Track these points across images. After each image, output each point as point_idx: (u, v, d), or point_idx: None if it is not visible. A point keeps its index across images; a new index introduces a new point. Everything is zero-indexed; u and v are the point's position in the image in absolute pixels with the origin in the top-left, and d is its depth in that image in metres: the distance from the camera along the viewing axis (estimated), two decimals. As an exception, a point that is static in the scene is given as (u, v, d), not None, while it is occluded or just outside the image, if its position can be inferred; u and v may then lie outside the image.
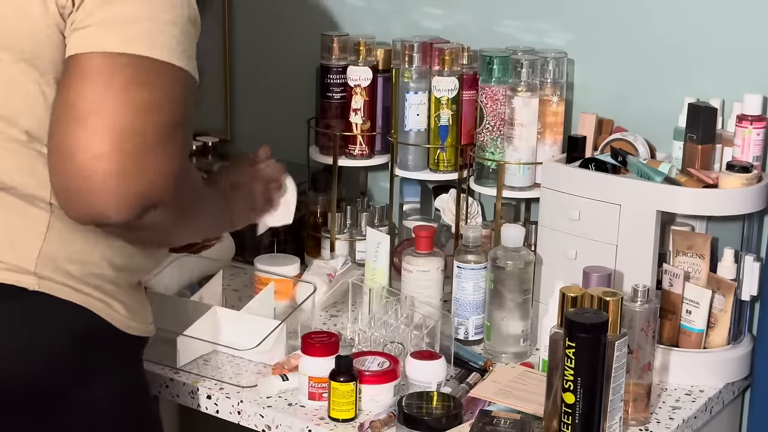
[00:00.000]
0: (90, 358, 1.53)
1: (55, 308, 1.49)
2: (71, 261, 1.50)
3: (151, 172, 1.40)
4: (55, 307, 1.49)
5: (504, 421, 1.65)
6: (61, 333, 1.50)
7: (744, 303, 1.94)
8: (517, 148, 2.07)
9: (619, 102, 2.12)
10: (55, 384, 1.51)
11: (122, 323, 1.56)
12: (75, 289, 1.50)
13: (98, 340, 1.54)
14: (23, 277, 1.47)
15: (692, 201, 1.85)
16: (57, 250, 1.49)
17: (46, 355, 1.49)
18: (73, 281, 1.50)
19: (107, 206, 1.39)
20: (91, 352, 1.53)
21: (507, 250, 1.93)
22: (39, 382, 1.49)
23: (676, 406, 1.83)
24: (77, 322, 1.51)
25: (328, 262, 2.20)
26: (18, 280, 1.47)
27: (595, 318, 1.58)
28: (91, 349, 1.53)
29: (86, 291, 1.51)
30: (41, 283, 1.48)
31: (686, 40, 2.05)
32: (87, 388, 1.53)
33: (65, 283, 1.50)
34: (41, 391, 1.50)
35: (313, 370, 1.77)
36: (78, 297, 1.51)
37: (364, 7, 2.37)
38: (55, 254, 1.49)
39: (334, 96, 2.24)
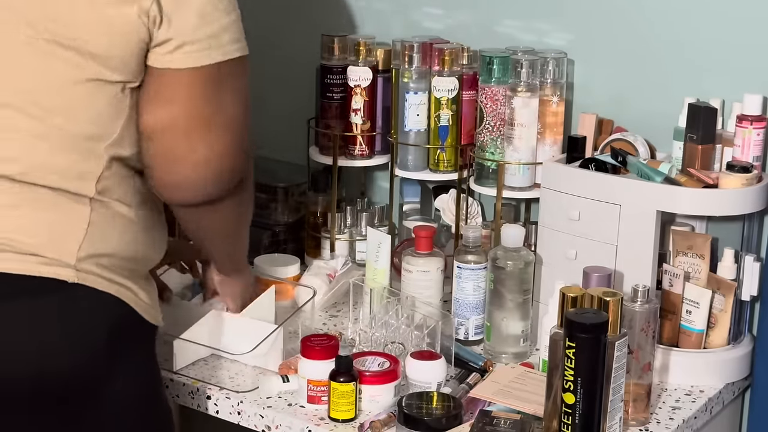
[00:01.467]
0: (122, 350, 1.57)
1: (92, 300, 1.54)
2: (105, 254, 1.55)
3: (243, 152, 1.63)
4: (92, 298, 1.54)
5: (504, 421, 1.65)
6: (99, 324, 1.55)
7: (744, 303, 1.94)
8: (517, 149, 2.07)
9: (619, 102, 2.12)
10: (93, 376, 1.55)
11: (146, 311, 1.61)
12: (108, 280, 1.55)
13: (128, 329, 1.59)
14: (63, 270, 1.52)
15: (692, 201, 1.85)
16: (95, 245, 1.54)
17: (86, 348, 1.53)
18: (106, 272, 1.55)
19: (220, 190, 1.61)
20: (124, 344, 1.57)
21: (507, 250, 1.93)
22: (78, 375, 1.53)
23: (676, 407, 1.83)
24: (112, 312, 1.56)
25: (328, 262, 2.20)
26: (57, 273, 1.51)
27: (595, 318, 1.58)
28: (124, 340, 1.57)
29: (117, 281, 1.57)
30: (79, 275, 1.52)
31: (686, 40, 2.05)
32: (116, 378, 1.57)
33: (100, 275, 1.55)
34: (80, 384, 1.54)
35: (312, 373, 1.77)
36: (111, 287, 1.56)
37: (364, 7, 2.38)
38: (93, 249, 1.54)
39: (334, 96, 2.24)
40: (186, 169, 1.57)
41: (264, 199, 2.35)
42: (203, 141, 1.57)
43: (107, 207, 1.56)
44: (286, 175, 2.38)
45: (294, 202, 2.36)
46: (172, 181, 1.59)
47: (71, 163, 1.53)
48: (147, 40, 1.53)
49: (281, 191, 2.33)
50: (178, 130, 1.56)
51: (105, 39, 1.51)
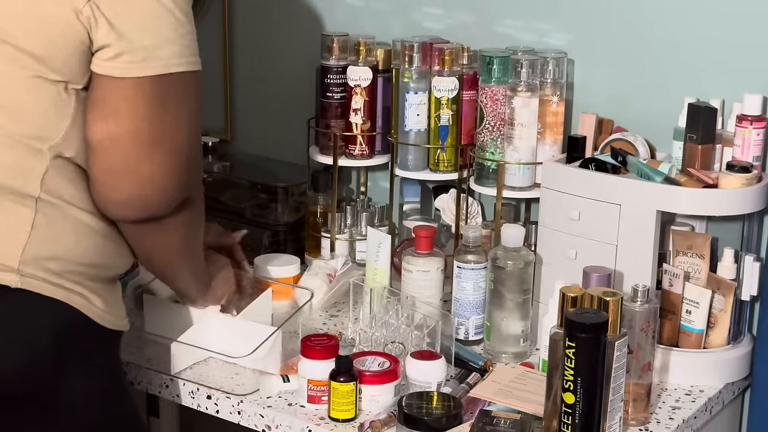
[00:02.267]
0: (70, 354, 1.55)
1: (36, 305, 1.51)
2: (53, 258, 1.52)
3: (193, 172, 1.60)
4: (36, 303, 1.51)
5: (504, 421, 1.65)
6: (43, 329, 1.52)
7: (744, 303, 1.94)
8: (517, 148, 2.07)
9: (619, 102, 2.12)
10: (38, 380, 1.52)
11: (100, 317, 1.58)
12: (56, 285, 1.53)
13: (78, 334, 1.56)
14: (5, 275, 1.49)
15: (692, 201, 1.85)
16: (40, 248, 1.51)
17: (29, 352, 1.51)
18: (54, 277, 1.53)
19: (165, 207, 1.57)
20: (72, 347, 1.55)
21: (507, 250, 1.93)
22: (22, 379, 1.51)
23: (676, 406, 1.83)
24: (58, 317, 1.53)
25: (328, 262, 2.20)
26: (0, 278, 1.49)
27: (595, 318, 1.58)
28: (72, 344, 1.55)
29: (66, 286, 1.54)
30: (23, 280, 1.50)
31: (686, 40, 2.05)
32: (68, 383, 1.54)
33: (47, 279, 1.52)
34: (24, 388, 1.51)
35: (312, 373, 1.77)
36: (59, 293, 1.53)
37: (364, 7, 2.37)
38: (38, 252, 1.51)
39: (334, 96, 2.24)
40: (129, 186, 1.52)
41: (264, 199, 2.35)
42: (147, 159, 1.51)
43: (56, 208, 1.53)
44: (286, 175, 2.38)
45: (294, 202, 2.36)
46: (115, 198, 1.53)
47: (13, 160, 1.50)
48: (87, 43, 1.49)
49: (281, 191, 2.33)
50: (120, 145, 1.50)
51: (44, 38, 1.48)
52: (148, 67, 1.49)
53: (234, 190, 2.38)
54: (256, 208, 2.36)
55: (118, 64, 1.49)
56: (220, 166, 2.47)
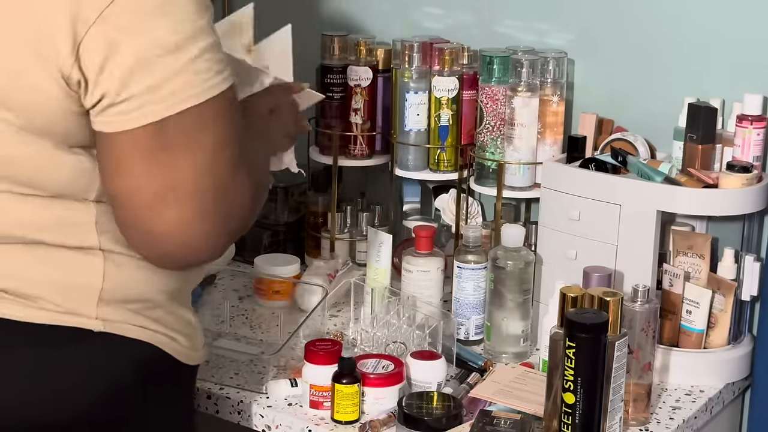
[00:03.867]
0: (152, 393, 1.51)
1: (119, 347, 1.47)
2: (131, 301, 1.47)
3: (234, 214, 1.41)
4: (119, 344, 1.47)
5: (504, 421, 1.65)
6: (126, 370, 1.47)
7: (744, 303, 1.94)
8: (517, 148, 2.07)
9: (619, 102, 2.12)
10: (120, 420, 1.49)
11: (185, 355, 1.54)
12: (140, 327, 1.48)
13: (160, 374, 1.51)
14: (87, 320, 1.45)
15: (692, 201, 1.85)
16: (116, 294, 1.46)
17: (111, 393, 1.47)
18: (136, 318, 1.48)
19: (208, 254, 1.42)
20: (154, 387, 1.51)
21: (507, 250, 1.93)
22: (105, 420, 1.47)
23: (676, 406, 1.83)
24: (141, 358, 1.49)
25: (328, 262, 2.20)
26: (82, 323, 1.44)
27: (595, 318, 1.58)
28: (154, 384, 1.51)
29: (151, 327, 1.49)
30: (106, 324, 1.45)
31: (686, 40, 2.05)
32: (149, 422, 1.51)
33: (128, 321, 1.47)
34: (105, 427, 1.47)
35: (314, 378, 1.77)
36: (143, 334, 1.48)
37: (364, 7, 2.38)
38: (114, 297, 1.46)
39: (334, 96, 2.24)
40: (149, 246, 1.40)
41: (264, 199, 2.35)
42: (157, 217, 1.35)
43: (121, 253, 1.46)
44: (286, 176, 2.38)
45: (294, 202, 2.36)
46: (145, 255, 1.42)
47: (59, 217, 1.43)
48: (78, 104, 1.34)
49: (281, 191, 2.33)
50: (125, 205, 1.37)
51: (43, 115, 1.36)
52: (141, 116, 1.32)
53: (234, 190, 2.38)
54: (256, 208, 2.36)
55: (108, 117, 1.33)
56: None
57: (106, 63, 1.30)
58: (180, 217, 1.35)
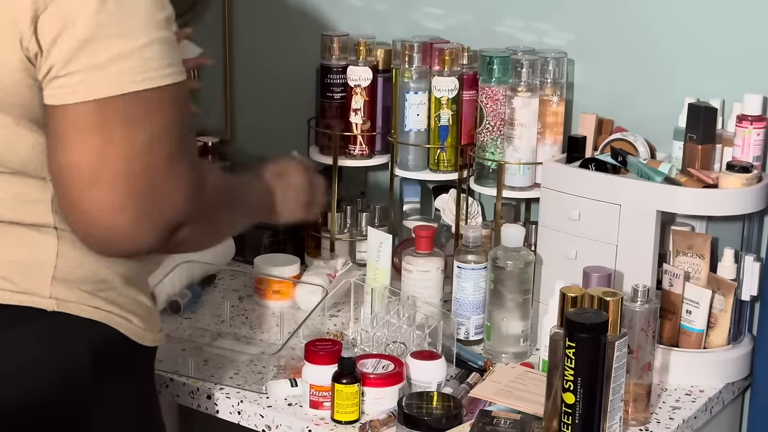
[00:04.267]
0: (108, 374, 1.52)
1: (75, 326, 1.48)
2: (85, 281, 1.49)
3: (168, 200, 1.40)
4: (74, 324, 1.48)
5: (504, 421, 1.65)
6: (82, 350, 1.49)
7: (744, 303, 1.94)
8: (517, 148, 2.07)
9: (619, 102, 2.12)
10: (76, 401, 1.50)
11: (140, 336, 1.55)
12: (94, 307, 1.49)
13: (116, 354, 1.53)
14: (42, 300, 1.46)
15: (692, 201, 1.85)
16: (70, 273, 1.48)
17: (67, 373, 1.48)
18: (90, 299, 1.49)
19: (137, 244, 1.41)
20: (110, 368, 1.52)
21: (507, 250, 1.93)
22: (60, 401, 1.48)
23: (676, 406, 1.83)
24: (96, 338, 1.50)
25: (328, 262, 2.20)
26: (35, 302, 1.46)
27: (595, 318, 1.58)
28: (110, 364, 1.52)
29: (106, 308, 1.50)
30: (60, 303, 1.47)
31: (686, 40, 2.05)
32: (104, 402, 1.52)
33: (83, 302, 1.49)
34: (62, 409, 1.49)
35: (314, 378, 1.77)
36: (97, 314, 1.50)
37: (364, 7, 2.38)
38: (68, 277, 1.47)
39: (334, 96, 2.24)
40: (85, 225, 1.40)
41: (264, 199, 2.35)
42: (86, 194, 1.37)
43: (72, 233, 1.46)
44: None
45: (294, 202, 2.36)
46: (80, 236, 1.43)
47: (21, 193, 1.45)
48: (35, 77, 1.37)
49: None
50: (68, 181, 1.38)
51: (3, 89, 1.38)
52: (81, 92, 1.34)
53: (234, 190, 2.38)
54: (256, 209, 2.36)
55: (51, 90, 1.36)
56: (220, 166, 2.47)
57: (59, 36, 1.33)
58: (110, 199, 1.37)
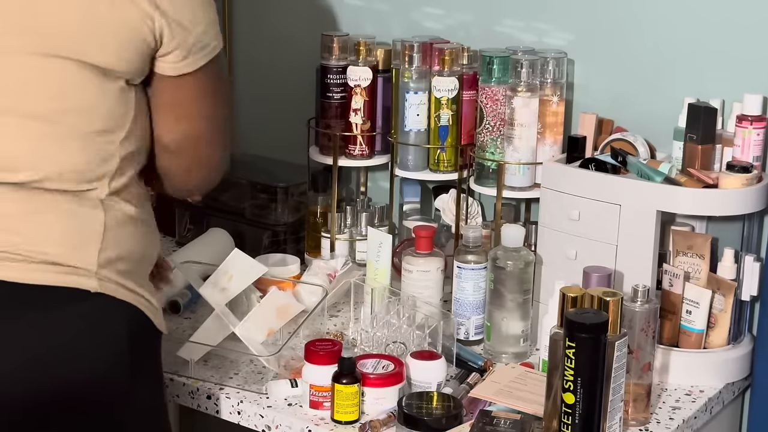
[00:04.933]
0: (141, 358, 1.57)
1: (113, 309, 1.53)
2: (121, 258, 1.55)
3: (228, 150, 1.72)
4: (113, 308, 1.53)
5: (504, 421, 1.65)
6: (121, 334, 1.54)
7: (744, 303, 1.94)
8: (517, 148, 2.07)
9: (619, 102, 2.12)
10: (120, 384, 1.54)
11: (157, 319, 1.60)
12: (127, 289, 1.55)
13: (145, 338, 1.58)
14: (86, 280, 1.50)
15: (692, 201, 1.85)
16: (112, 249, 1.54)
17: (110, 357, 1.52)
18: (124, 279, 1.54)
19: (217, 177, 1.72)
20: (141, 352, 1.57)
21: (507, 250, 1.93)
22: (103, 384, 1.52)
23: (676, 406, 1.83)
24: (132, 322, 1.55)
25: (328, 262, 2.20)
26: (81, 283, 1.50)
27: (595, 318, 1.58)
28: (142, 348, 1.57)
29: (134, 289, 1.56)
30: (102, 284, 1.51)
31: (686, 41, 2.05)
32: (139, 387, 1.57)
33: (119, 283, 1.54)
34: (103, 393, 1.53)
35: (314, 378, 1.77)
36: (130, 296, 1.55)
37: (364, 7, 2.37)
38: (110, 254, 1.53)
39: (334, 96, 2.24)
40: (205, 174, 1.69)
41: (264, 199, 2.35)
42: (217, 150, 1.67)
43: (118, 209, 1.56)
44: (286, 175, 2.38)
45: (294, 202, 2.36)
46: (189, 187, 1.72)
47: (86, 165, 1.52)
48: (153, 46, 1.54)
49: (281, 191, 2.33)
50: (198, 145, 1.64)
51: (108, 45, 1.51)
52: (206, 54, 1.59)
53: (234, 190, 2.38)
54: (256, 208, 2.36)
55: (188, 61, 1.57)
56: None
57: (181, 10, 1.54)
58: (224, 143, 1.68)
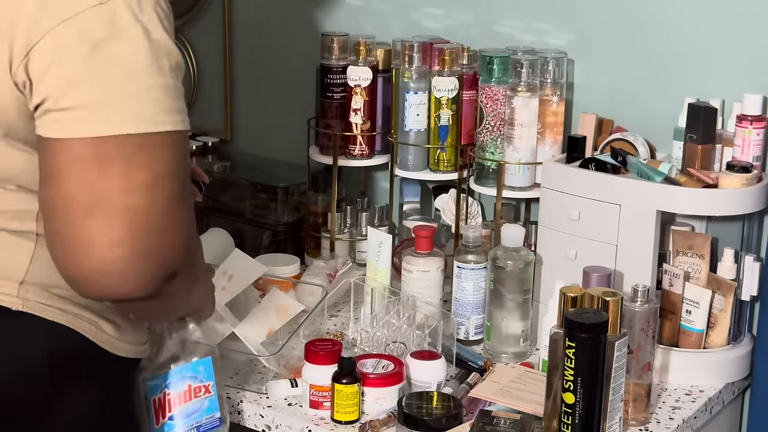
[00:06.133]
0: (67, 379, 1.50)
1: (37, 328, 1.47)
2: (57, 286, 1.46)
3: (166, 245, 1.38)
4: (36, 326, 1.47)
5: (504, 421, 1.65)
6: (39, 352, 1.47)
7: (744, 303, 1.94)
8: (517, 148, 2.07)
9: (619, 102, 2.12)
10: (30, 402, 1.48)
11: (110, 344, 1.53)
12: (61, 310, 1.48)
13: (77, 360, 1.51)
14: (7, 297, 1.46)
15: (692, 201, 1.85)
16: (42, 276, 1.47)
17: (23, 374, 1.47)
18: (60, 302, 1.48)
19: (127, 286, 1.37)
20: (70, 373, 1.50)
21: (507, 250, 1.93)
22: (14, 400, 1.47)
23: (676, 406, 1.83)
24: (59, 342, 1.48)
25: (328, 262, 2.20)
26: (1, 300, 1.46)
27: (595, 318, 1.58)
28: (70, 370, 1.50)
29: (74, 312, 1.49)
30: (25, 303, 1.46)
31: (686, 40, 2.05)
32: (62, 410, 1.50)
33: (51, 305, 1.48)
34: (16, 409, 1.48)
35: (314, 378, 1.77)
36: (63, 317, 1.48)
37: (364, 7, 2.38)
38: (39, 280, 1.47)
39: (334, 96, 2.24)
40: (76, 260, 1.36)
41: (264, 199, 2.35)
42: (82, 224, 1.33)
43: None
44: (286, 175, 2.38)
45: (294, 202, 2.36)
46: (68, 272, 1.38)
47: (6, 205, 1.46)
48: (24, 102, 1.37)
49: (281, 191, 2.33)
50: (62, 213, 1.35)
51: None
52: (77, 128, 1.32)
53: (234, 190, 2.38)
54: (256, 208, 2.36)
55: (45, 122, 1.34)
56: (220, 166, 2.48)
57: (51, 68, 1.32)
58: (107, 231, 1.33)
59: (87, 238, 1.33)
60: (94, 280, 1.36)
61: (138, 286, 1.37)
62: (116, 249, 1.34)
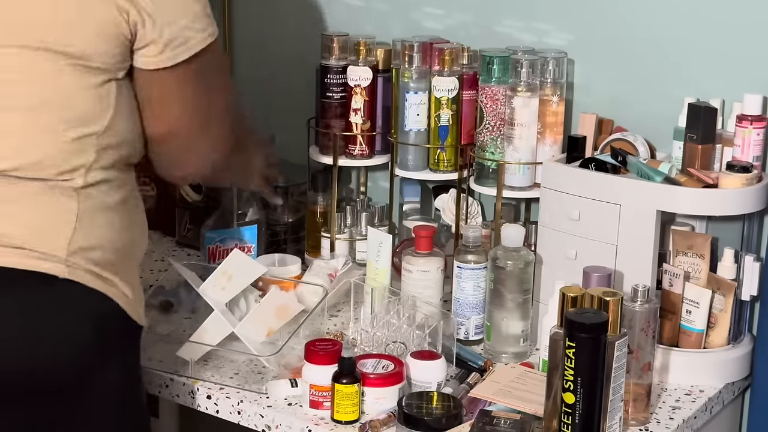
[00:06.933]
0: (108, 346, 1.59)
1: (81, 296, 1.56)
2: (94, 247, 1.57)
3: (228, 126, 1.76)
4: (81, 294, 1.56)
5: (504, 421, 1.65)
6: (87, 321, 1.56)
7: (744, 303, 1.94)
8: (517, 148, 2.07)
9: (619, 102, 2.12)
10: (79, 372, 1.56)
11: (132, 309, 1.62)
12: (97, 276, 1.57)
13: (114, 327, 1.60)
14: (54, 265, 1.54)
15: (692, 201, 1.85)
16: (84, 238, 1.56)
17: (74, 343, 1.55)
18: (96, 268, 1.57)
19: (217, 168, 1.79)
20: (109, 340, 1.59)
21: (507, 250, 1.93)
22: (65, 370, 1.55)
23: (676, 406, 1.83)
24: (99, 309, 1.58)
25: (328, 262, 2.20)
26: (49, 268, 1.54)
27: (595, 318, 1.58)
28: (110, 336, 1.59)
29: (105, 276, 1.58)
30: (70, 271, 1.54)
31: (686, 40, 2.05)
32: (104, 375, 1.59)
33: (90, 270, 1.56)
34: (66, 379, 1.56)
35: (314, 378, 1.77)
36: (99, 284, 1.57)
37: (364, 7, 2.37)
38: (82, 243, 1.56)
39: (334, 96, 2.24)
40: (195, 163, 1.73)
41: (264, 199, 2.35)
42: (204, 139, 1.69)
43: (96, 198, 1.58)
44: (286, 175, 2.38)
45: (294, 202, 2.36)
46: (182, 174, 1.79)
47: (60, 156, 1.55)
48: (130, 38, 1.57)
49: (281, 191, 2.33)
50: (181, 137, 1.67)
51: (88, 39, 1.54)
52: (188, 48, 1.61)
53: (234, 190, 2.38)
54: (255, 209, 2.36)
55: (167, 54, 1.60)
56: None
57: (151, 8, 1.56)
58: (218, 133, 1.72)
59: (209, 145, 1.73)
60: (201, 172, 1.80)
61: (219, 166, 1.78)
62: (223, 142, 1.76)
